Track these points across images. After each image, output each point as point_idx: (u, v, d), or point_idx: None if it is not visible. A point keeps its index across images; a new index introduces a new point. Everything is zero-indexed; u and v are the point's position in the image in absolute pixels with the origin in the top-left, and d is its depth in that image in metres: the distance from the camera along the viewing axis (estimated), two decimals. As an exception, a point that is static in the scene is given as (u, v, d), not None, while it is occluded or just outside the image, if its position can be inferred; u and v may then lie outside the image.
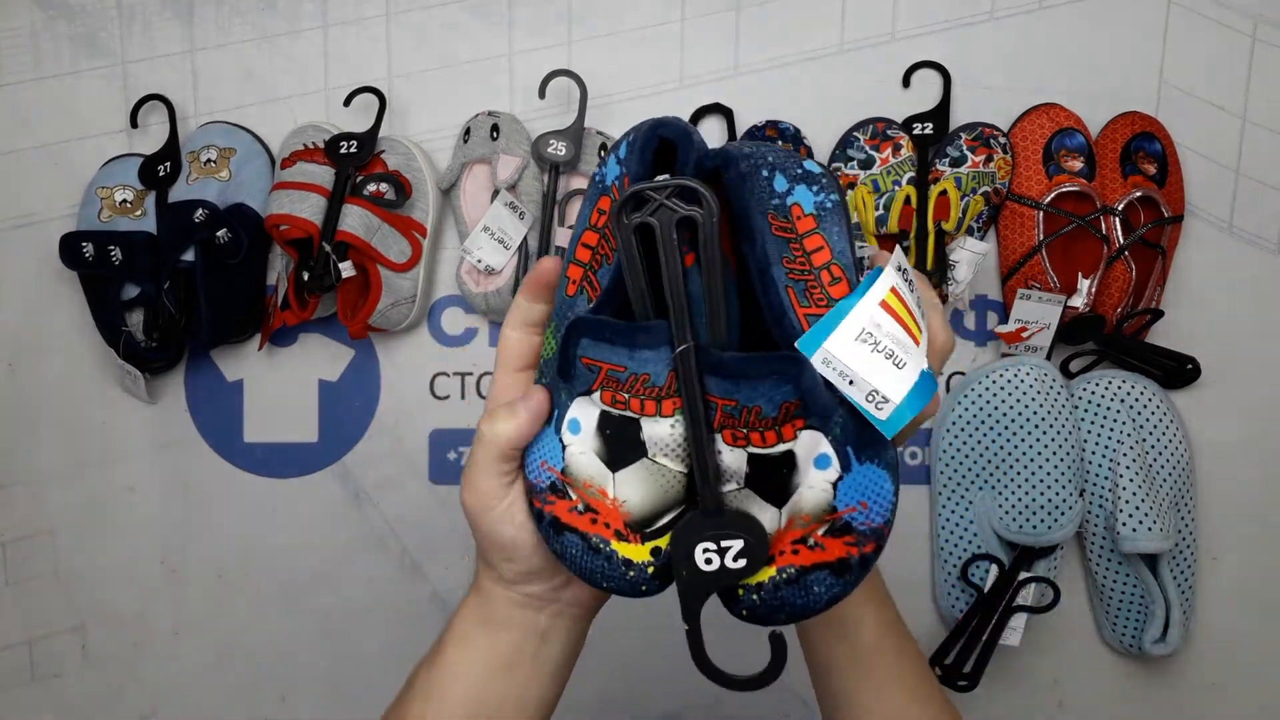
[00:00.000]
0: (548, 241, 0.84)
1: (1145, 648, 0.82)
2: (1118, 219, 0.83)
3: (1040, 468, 0.81)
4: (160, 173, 0.86)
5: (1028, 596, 0.82)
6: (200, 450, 0.90)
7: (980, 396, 0.84)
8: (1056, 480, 0.81)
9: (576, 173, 0.86)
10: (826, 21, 0.88)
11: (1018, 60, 0.88)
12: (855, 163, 0.84)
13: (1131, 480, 0.81)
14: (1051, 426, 0.82)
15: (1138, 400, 0.84)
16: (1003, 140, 0.84)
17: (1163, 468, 0.83)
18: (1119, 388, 0.84)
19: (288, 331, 0.90)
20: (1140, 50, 0.88)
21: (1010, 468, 0.83)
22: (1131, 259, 0.82)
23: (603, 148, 0.86)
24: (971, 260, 0.81)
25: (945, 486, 0.86)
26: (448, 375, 0.90)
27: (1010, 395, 0.83)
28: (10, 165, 0.91)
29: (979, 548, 0.84)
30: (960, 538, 0.85)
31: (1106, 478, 0.83)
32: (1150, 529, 0.80)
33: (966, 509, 0.85)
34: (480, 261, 0.83)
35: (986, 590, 0.82)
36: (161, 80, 0.90)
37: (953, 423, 0.85)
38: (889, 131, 0.85)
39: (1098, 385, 0.84)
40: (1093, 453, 0.84)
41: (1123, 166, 0.84)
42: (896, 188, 0.82)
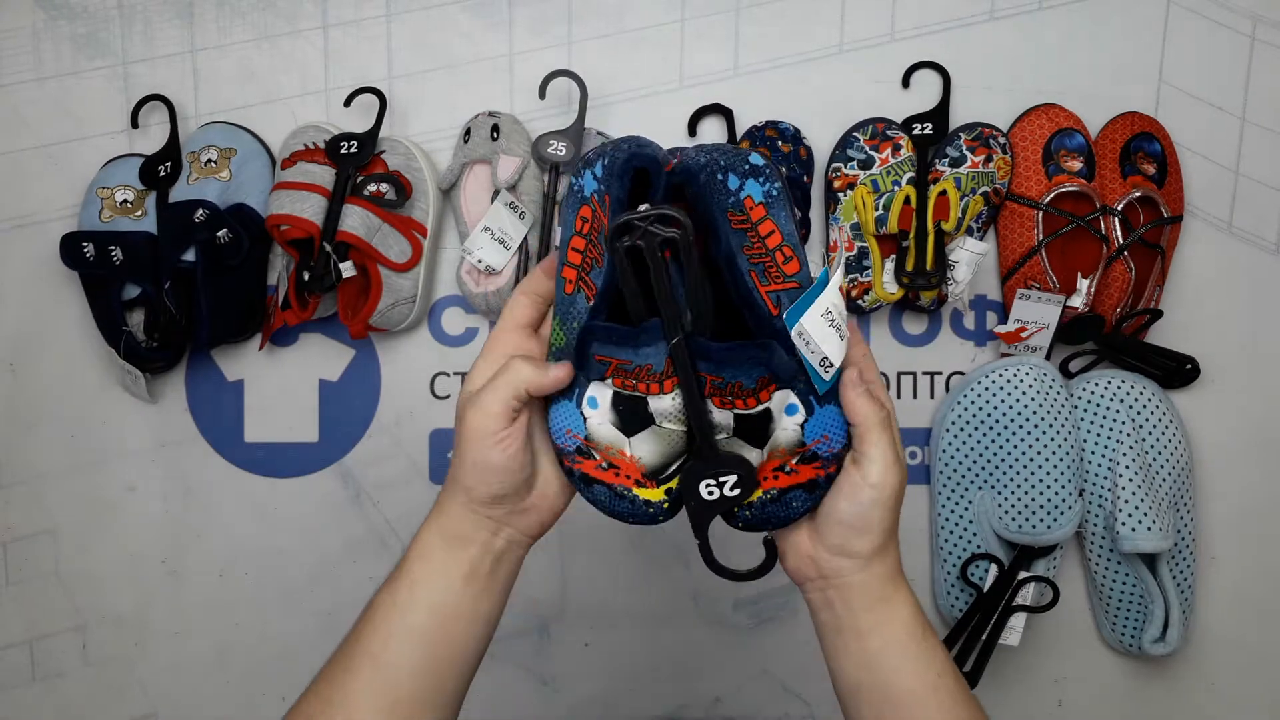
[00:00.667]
0: (548, 241, 0.84)
1: (1144, 647, 0.82)
2: (1117, 219, 0.83)
3: (1040, 467, 0.82)
4: (161, 173, 0.86)
5: (1027, 596, 0.82)
6: (201, 450, 0.90)
7: (980, 396, 0.84)
8: (1056, 480, 0.81)
9: (576, 173, 0.86)
10: (826, 22, 0.89)
11: (1017, 60, 0.88)
12: (855, 163, 0.85)
13: (1131, 480, 0.81)
14: (1051, 426, 0.82)
15: (1137, 400, 0.84)
16: (1002, 140, 0.85)
17: (1162, 467, 0.83)
18: (1118, 387, 0.84)
19: (288, 331, 0.90)
20: (1140, 50, 0.88)
21: (1010, 467, 0.83)
22: (1131, 259, 0.82)
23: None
24: (971, 260, 0.81)
25: (945, 486, 0.86)
26: (448, 375, 0.90)
27: (1010, 395, 0.83)
28: (10, 165, 0.91)
29: (978, 547, 0.84)
30: (960, 537, 0.85)
31: (1106, 477, 0.83)
32: (1150, 529, 0.80)
33: (966, 508, 0.85)
34: (480, 261, 0.83)
35: (986, 590, 0.82)
36: (162, 80, 0.90)
37: (952, 422, 0.85)
38: (889, 132, 0.85)
39: (1097, 385, 0.85)
40: (1092, 452, 0.84)
41: (1122, 167, 0.84)
42: (896, 188, 0.82)
